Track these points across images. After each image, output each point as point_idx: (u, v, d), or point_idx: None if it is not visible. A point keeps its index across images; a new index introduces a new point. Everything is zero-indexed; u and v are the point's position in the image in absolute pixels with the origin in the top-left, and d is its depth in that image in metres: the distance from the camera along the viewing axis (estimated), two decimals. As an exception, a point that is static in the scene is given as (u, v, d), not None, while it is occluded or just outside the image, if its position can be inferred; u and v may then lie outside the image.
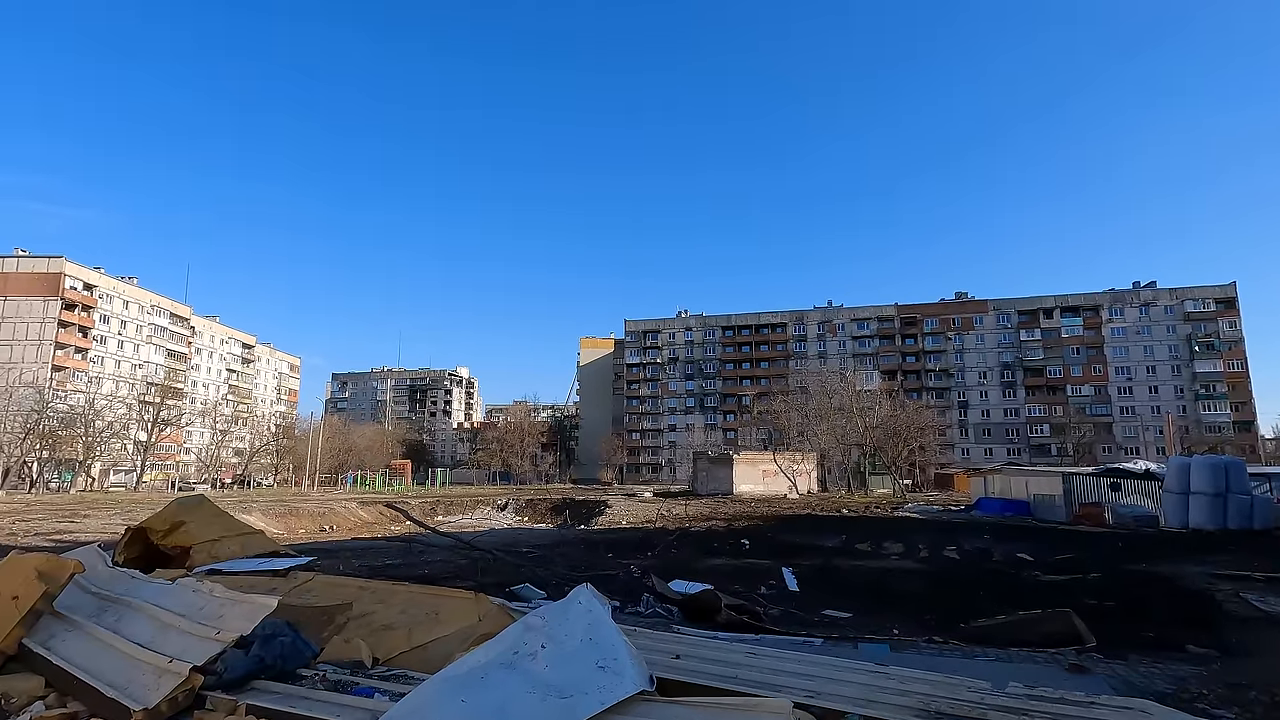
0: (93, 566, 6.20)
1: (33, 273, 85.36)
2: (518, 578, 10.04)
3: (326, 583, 6.32)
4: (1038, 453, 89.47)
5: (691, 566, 13.74)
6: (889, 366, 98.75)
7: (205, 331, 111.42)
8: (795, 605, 10.42)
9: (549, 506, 44.21)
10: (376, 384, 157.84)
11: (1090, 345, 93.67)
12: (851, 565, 14.68)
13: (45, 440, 64.63)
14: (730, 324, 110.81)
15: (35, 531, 24.98)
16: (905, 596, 11.37)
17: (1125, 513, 25.54)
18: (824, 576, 13.33)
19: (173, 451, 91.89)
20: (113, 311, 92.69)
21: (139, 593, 5.66)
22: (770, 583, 12.48)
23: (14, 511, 33.45)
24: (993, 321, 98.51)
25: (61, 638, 5.10)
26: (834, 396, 68.80)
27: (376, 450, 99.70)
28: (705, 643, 5.84)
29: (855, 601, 10.99)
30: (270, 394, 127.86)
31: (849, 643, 6.71)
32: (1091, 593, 10.94)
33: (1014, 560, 16.36)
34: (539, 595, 9.02)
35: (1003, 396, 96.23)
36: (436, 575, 10.98)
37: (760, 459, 57.28)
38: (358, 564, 14.05)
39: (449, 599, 5.79)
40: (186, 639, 4.79)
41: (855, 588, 12.28)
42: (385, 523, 38.49)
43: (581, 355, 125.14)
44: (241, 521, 8.90)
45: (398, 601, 5.80)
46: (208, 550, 7.81)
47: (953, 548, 19.22)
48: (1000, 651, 6.36)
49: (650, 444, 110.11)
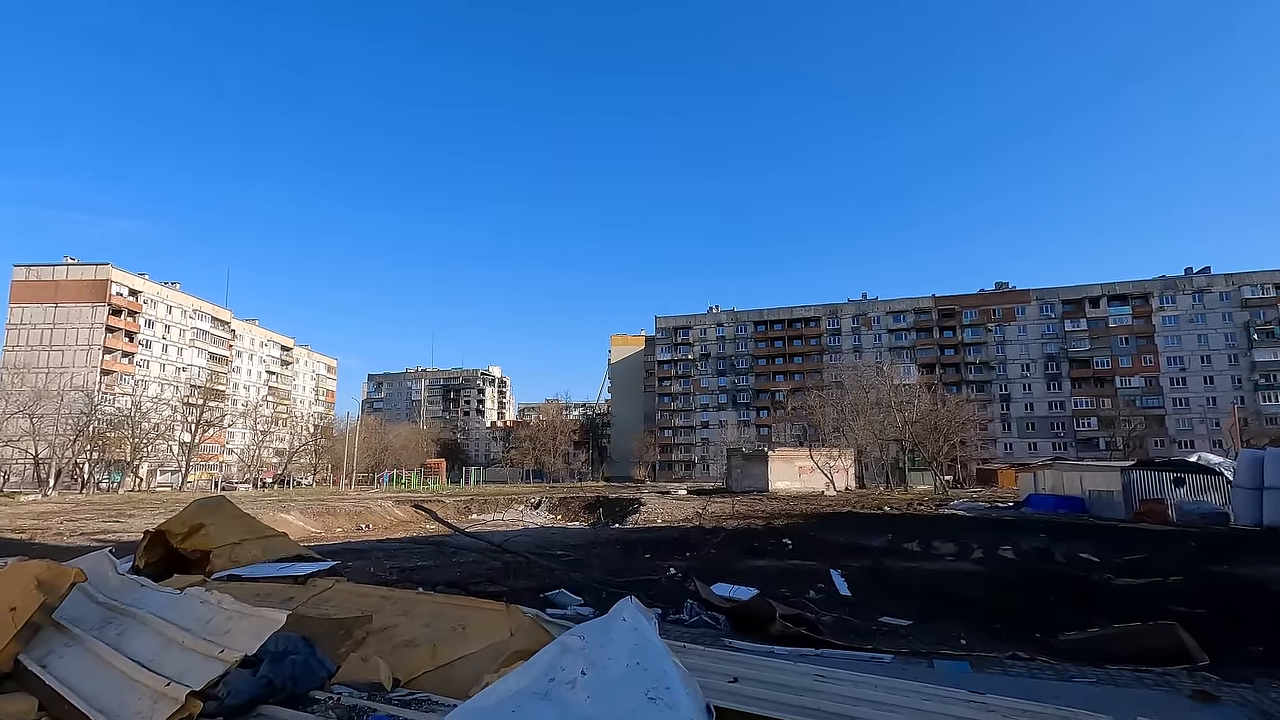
0: (102, 574, 5.82)
1: (81, 280, 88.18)
2: (552, 581, 9.52)
3: (347, 591, 5.83)
4: (1085, 447, 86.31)
5: (733, 568, 13.08)
6: (927, 360, 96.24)
7: (245, 334, 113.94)
8: (848, 611, 9.68)
9: (582, 505, 43.82)
10: (411, 384, 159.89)
11: (1140, 335, 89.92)
12: (904, 567, 13.84)
13: (94, 442, 66.63)
14: (762, 319, 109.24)
15: (81, 531, 25.44)
16: (967, 602, 10.54)
17: (1191, 510, 24.07)
18: (875, 579, 12.54)
19: (216, 452, 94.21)
20: (157, 316, 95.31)
21: (146, 603, 5.24)
22: (819, 586, 11.75)
23: (64, 511, 34.28)
24: (1035, 312, 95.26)
25: (60, 654, 4.68)
26: (871, 391, 67.14)
27: (411, 449, 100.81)
28: (764, 662, 5.20)
29: (912, 606, 10.20)
30: (308, 395, 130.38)
31: (921, 659, 5.99)
32: (1177, 598, 9.98)
33: (1078, 561, 15.32)
34: (575, 601, 8.47)
35: (1047, 389, 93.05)
36: (468, 578, 10.55)
37: (796, 455, 56.11)
38: (389, 565, 13.73)
39: (477, 611, 5.24)
40: (190, 657, 4.32)
41: (910, 591, 11.47)
42: (420, 522, 38.54)
43: (612, 352, 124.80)
44: (264, 523, 8.52)
45: (422, 613, 5.27)
46: (228, 554, 7.43)
47: (1007, 547, 18.16)
48: (1099, 671, 5.59)
49: (683, 441, 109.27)
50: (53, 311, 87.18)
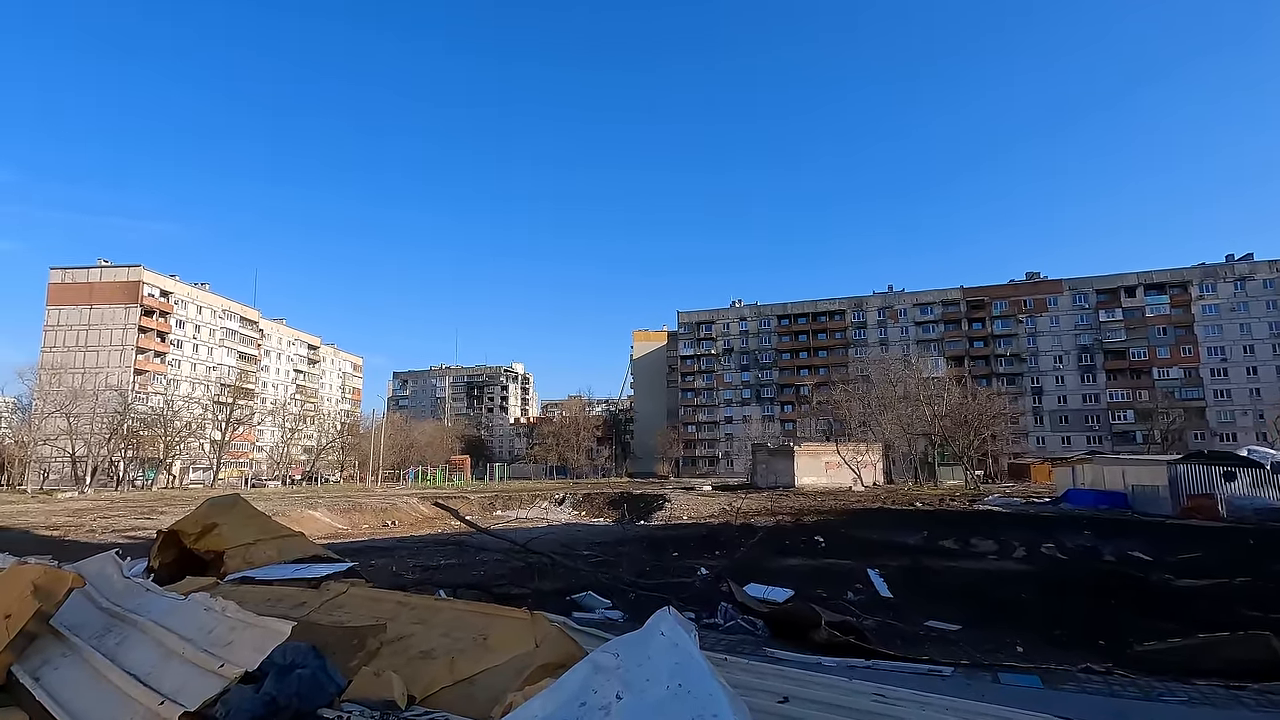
0: (106, 576, 5.53)
1: (114, 282, 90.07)
2: (579, 583, 9.11)
3: (362, 596, 5.46)
4: (1121, 440, 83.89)
5: (765, 567, 12.57)
6: (955, 352, 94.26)
7: (273, 334, 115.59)
8: (891, 614, 9.14)
9: (606, 501, 43.53)
10: (435, 381, 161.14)
11: (1178, 324, 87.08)
12: (945, 566, 13.21)
13: (129, 440, 67.99)
14: (786, 312, 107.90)
15: (113, 528, 25.71)
16: (1017, 605, 9.93)
17: (1244, 505, 22.97)
18: (916, 579, 11.94)
19: (246, 450, 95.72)
20: (188, 317, 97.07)
21: (149, 610, 4.92)
22: (856, 586, 11.20)
23: (98, 509, 34.87)
24: (1068, 302, 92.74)
25: (55, 664, 4.37)
26: (898, 384, 65.83)
27: (436, 446, 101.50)
28: (814, 678, 4.71)
29: (958, 610, 9.62)
30: (335, 393, 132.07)
31: (984, 671, 5.46)
32: (1248, 601, 9.27)
33: (1129, 560, 14.54)
34: (603, 604, 8.06)
35: (1081, 381, 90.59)
36: (491, 579, 10.20)
37: (823, 450, 55.27)
38: (412, 564, 13.47)
39: (500, 619, 4.83)
40: (188, 671, 3.97)
41: (954, 593, 10.87)
42: (445, 518, 38.53)
43: (634, 348, 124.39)
44: (279, 522, 8.23)
45: (440, 621, 4.87)
46: (242, 555, 7.13)
47: (1050, 545, 17.38)
48: (1187, 688, 5.02)
49: (706, 436, 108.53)
50: (88, 313, 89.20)
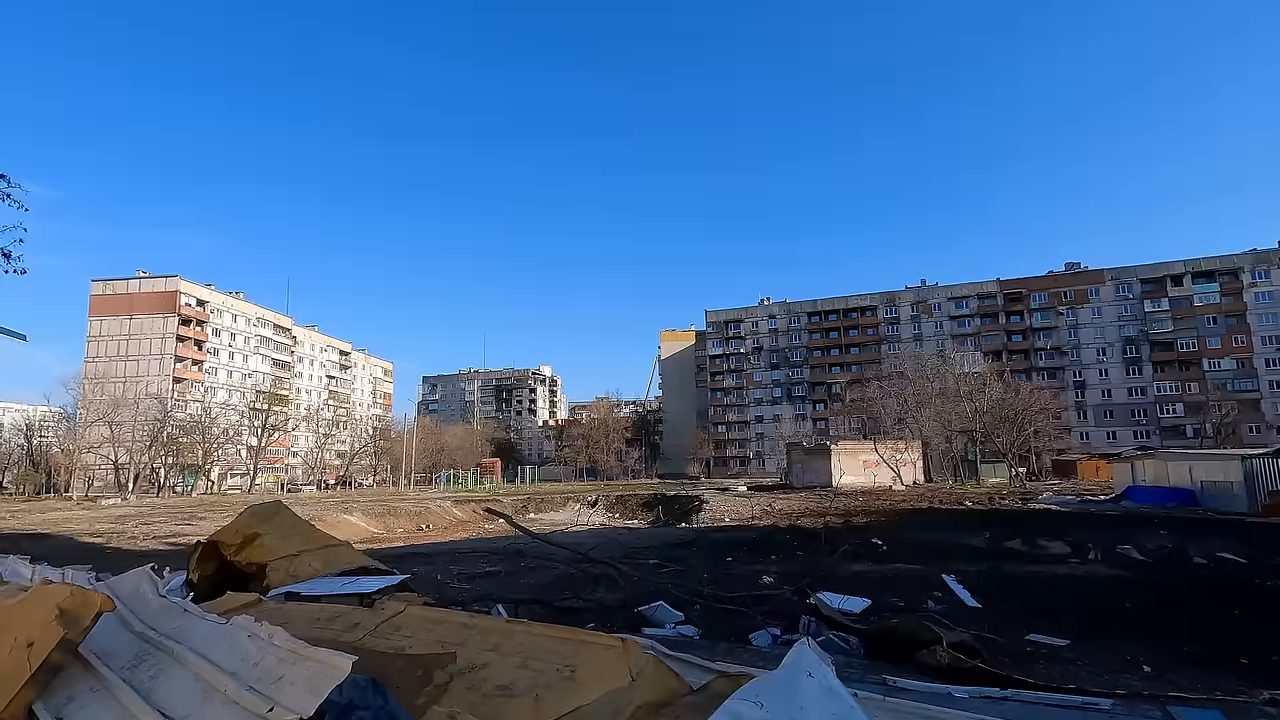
0: (141, 596, 4.97)
1: (152, 292, 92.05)
2: (642, 592, 8.44)
3: (421, 616, 4.81)
4: (1170, 435, 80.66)
5: (830, 573, 11.75)
6: (992, 347, 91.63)
7: (305, 340, 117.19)
8: (985, 626, 8.26)
9: (640, 503, 42.85)
10: (464, 385, 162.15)
11: (1230, 313, 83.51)
12: (1026, 571, 12.25)
13: (168, 447, 69.22)
14: (816, 309, 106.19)
15: (154, 535, 25.77)
16: (1123, 615, 8.98)
17: (1331, 502, 21.44)
18: (996, 586, 11.01)
19: (281, 455, 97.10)
20: (223, 325, 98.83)
21: (187, 635, 4.33)
22: (935, 595, 10.33)
23: (140, 515, 35.22)
24: (1111, 293, 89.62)
25: (81, 703, 3.79)
26: (935, 380, 64.12)
27: (467, 449, 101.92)
28: (953, 715, 3.96)
29: (1056, 621, 8.71)
30: (366, 398, 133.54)
31: (1146, 702, 4.62)
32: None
33: (1224, 563, 13.39)
34: (674, 617, 7.35)
35: (1126, 374, 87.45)
36: (547, 590, 9.56)
37: (861, 449, 53.91)
38: (455, 570, 12.92)
39: (587, 646, 4.14)
40: (231, 715, 3.35)
41: (1045, 601, 9.94)
42: (479, 521, 38.26)
43: (662, 348, 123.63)
44: (323, 531, 7.68)
45: (515, 648, 4.20)
46: (285, 567, 6.56)
47: (1127, 546, 16.22)
48: None
49: (737, 436, 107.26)
50: (128, 323, 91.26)
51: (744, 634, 7.06)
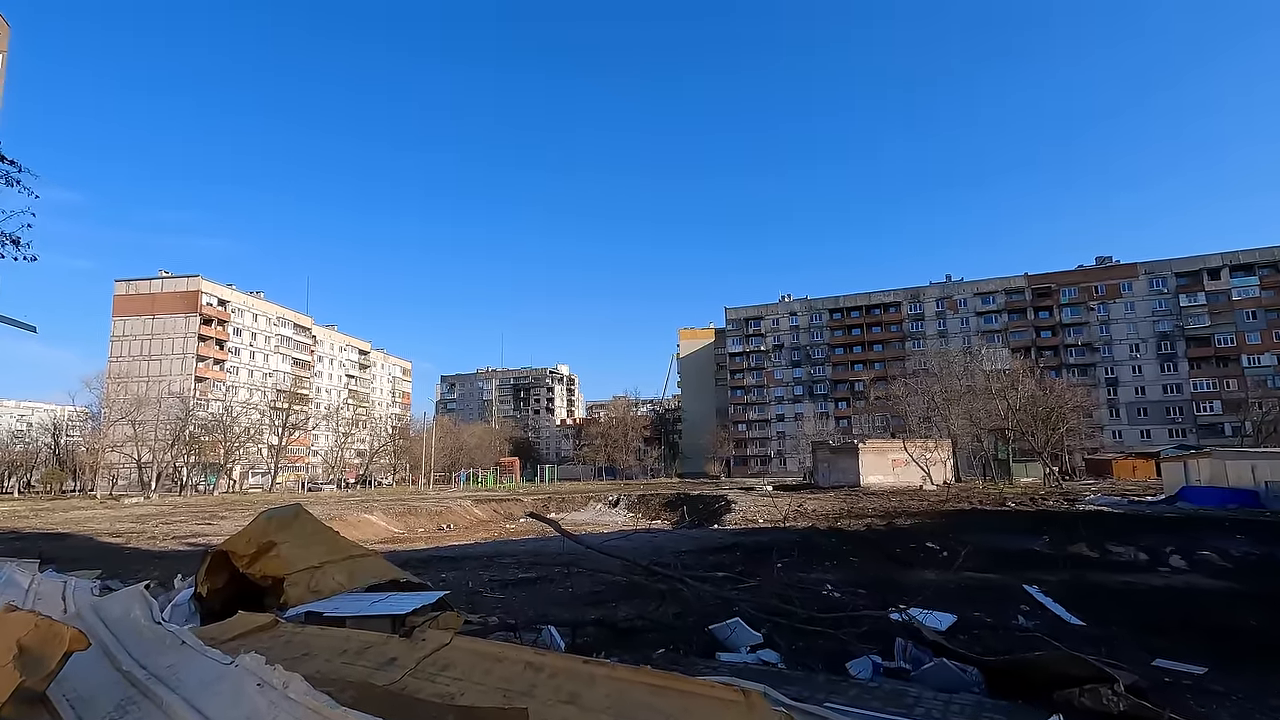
0: (132, 622, 4.09)
1: (174, 292, 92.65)
2: (703, 604, 7.47)
3: (473, 652, 3.87)
4: (1207, 433, 78.05)
5: (896, 582, 10.71)
6: (1020, 343, 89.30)
7: (325, 340, 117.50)
8: (1103, 649, 7.17)
9: (662, 503, 41.89)
10: (482, 384, 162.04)
11: (1270, 307, 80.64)
12: (1118, 581, 11.10)
13: (190, 446, 69.37)
14: (838, 306, 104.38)
15: (174, 534, 25.23)
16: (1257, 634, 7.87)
17: None
18: (1091, 599, 9.88)
19: (301, 454, 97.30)
20: (244, 325, 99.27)
21: (183, 677, 3.43)
22: (1023, 608, 9.24)
23: (161, 514, 34.90)
24: (1144, 287, 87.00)
25: (41, 774, 2.91)
26: (963, 377, 62.42)
27: (485, 448, 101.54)
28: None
29: (1177, 641, 7.63)
30: (385, 397, 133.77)
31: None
32: None
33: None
34: (754, 638, 6.37)
35: (1160, 371, 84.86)
36: (590, 601, 8.64)
37: (889, 448, 52.46)
38: (486, 576, 12.05)
39: (696, 699, 3.17)
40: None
41: (1154, 617, 8.82)
42: (499, 521, 37.58)
43: (681, 347, 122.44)
44: (348, 539, 6.78)
45: (601, 701, 3.24)
46: (305, 581, 5.68)
47: (1207, 552, 14.98)
48: None
49: (757, 435, 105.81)
50: (150, 323, 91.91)
51: (832, 657, 6.10)
